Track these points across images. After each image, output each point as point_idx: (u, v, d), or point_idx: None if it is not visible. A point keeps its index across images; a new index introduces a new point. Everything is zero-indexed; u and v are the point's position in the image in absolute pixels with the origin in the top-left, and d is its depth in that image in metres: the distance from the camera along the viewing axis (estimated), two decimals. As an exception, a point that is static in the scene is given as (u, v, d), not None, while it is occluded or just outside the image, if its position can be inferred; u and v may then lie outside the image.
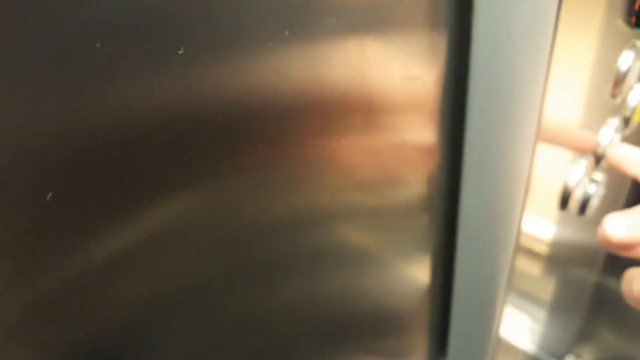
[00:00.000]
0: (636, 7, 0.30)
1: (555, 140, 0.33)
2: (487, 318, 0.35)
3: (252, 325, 0.20)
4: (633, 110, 0.38)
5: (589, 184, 0.38)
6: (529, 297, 0.61)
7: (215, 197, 0.15)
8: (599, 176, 0.38)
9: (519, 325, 0.64)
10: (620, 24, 0.31)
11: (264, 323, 0.21)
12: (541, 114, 0.26)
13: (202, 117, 0.14)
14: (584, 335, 0.63)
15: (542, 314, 0.61)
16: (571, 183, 0.34)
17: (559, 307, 0.60)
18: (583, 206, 0.38)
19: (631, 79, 0.34)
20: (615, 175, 0.45)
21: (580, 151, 0.35)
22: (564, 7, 0.24)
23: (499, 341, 0.39)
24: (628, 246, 0.29)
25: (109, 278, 0.13)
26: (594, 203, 0.38)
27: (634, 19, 0.31)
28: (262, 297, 0.20)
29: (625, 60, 0.33)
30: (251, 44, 0.14)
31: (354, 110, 0.20)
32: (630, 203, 0.51)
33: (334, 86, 0.18)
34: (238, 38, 0.14)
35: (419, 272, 0.32)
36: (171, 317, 0.16)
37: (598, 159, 0.36)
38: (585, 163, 0.35)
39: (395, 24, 0.21)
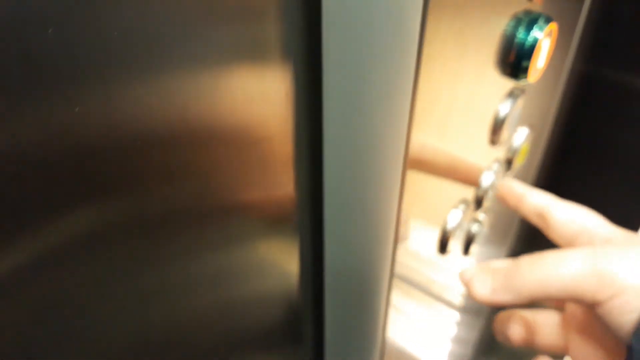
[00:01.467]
0: (511, 58, 0.30)
1: (442, 172, 0.32)
2: (365, 328, 0.34)
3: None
4: (516, 153, 0.38)
5: (472, 224, 0.38)
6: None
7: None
8: (482, 216, 0.39)
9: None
10: (494, 73, 0.31)
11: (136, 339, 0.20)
12: (407, 147, 0.25)
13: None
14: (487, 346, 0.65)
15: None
16: (449, 227, 0.34)
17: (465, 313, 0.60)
18: (466, 247, 0.38)
19: (510, 124, 0.34)
20: (502, 214, 0.46)
21: (467, 183, 0.35)
22: (442, 53, 0.23)
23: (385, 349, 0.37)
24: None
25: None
26: (478, 243, 0.39)
27: (509, 70, 0.30)
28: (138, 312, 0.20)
29: (504, 107, 0.33)
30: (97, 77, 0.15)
31: (200, 144, 0.20)
32: (516, 247, 0.53)
33: (183, 117, 0.18)
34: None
35: (289, 288, 0.31)
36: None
37: (479, 201, 0.36)
38: (463, 207, 0.34)
39: (243, 52, 0.20)
